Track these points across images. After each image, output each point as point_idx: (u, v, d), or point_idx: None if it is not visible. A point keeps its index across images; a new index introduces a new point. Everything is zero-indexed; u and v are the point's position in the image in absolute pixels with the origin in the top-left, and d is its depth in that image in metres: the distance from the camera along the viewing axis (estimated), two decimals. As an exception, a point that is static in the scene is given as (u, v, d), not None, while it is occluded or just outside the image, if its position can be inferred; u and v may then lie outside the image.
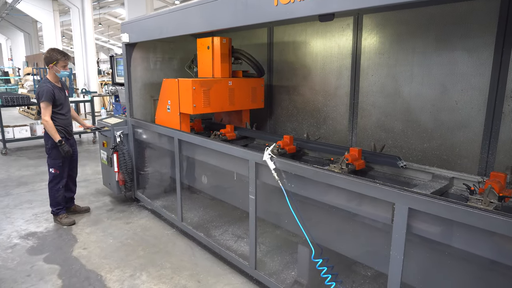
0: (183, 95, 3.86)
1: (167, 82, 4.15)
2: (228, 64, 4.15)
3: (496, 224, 1.68)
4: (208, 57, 4.09)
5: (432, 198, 1.87)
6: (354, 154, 2.84)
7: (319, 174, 2.40)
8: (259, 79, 4.38)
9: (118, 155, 4.82)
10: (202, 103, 3.83)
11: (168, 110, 4.17)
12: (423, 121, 3.28)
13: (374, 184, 2.09)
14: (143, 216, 4.74)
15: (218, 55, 4.05)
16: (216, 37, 4.06)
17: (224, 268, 3.51)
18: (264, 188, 3.03)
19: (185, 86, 3.81)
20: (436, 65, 3.13)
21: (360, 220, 2.40)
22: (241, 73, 4.37)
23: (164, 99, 4.26)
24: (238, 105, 4.21)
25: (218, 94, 3.96)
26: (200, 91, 3.79)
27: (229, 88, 4.07)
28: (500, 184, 2.12)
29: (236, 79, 4.16)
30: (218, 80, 3.98)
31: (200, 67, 4.23)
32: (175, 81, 3.95)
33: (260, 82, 4.39)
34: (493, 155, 2.88)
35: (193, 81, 3.72)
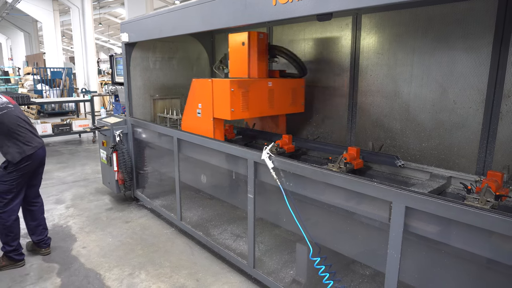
0: (218, 98, 3.38)
1: (198, 82, 3.63)
2: (266, 62, 3.74)
3: (493, 222, 1.69)
4: (243, 54, 3.63)
5: (429, 197, 1.88)
6: (353, 153, 2.85)
7: (317, 173, 2.41)
8: (300, 80, 3.92)
9: (118, 154, 4.83)
10: (240, 107, 3.34)
11: (198, 114, 3.67)
12: (422, 120, 3.29)
13: (371, 183, 2.10)
14: (142, 215, 4.75)
15: (255, 52, 3.59)
16: (252, 31, 3.64)
17: (223, 267, 3.52)
18: (263, 187, 3.05)
19: (221, 88, 3.32)
20: (435, 65, 3.14)
21: (358, 219, 2.41)
22: (277, 72, 3.92)
23: (193, 102, 3.73)
24: (277, 109, 3.73)
25: (257, 96, 3.49)
26: (239, 93, 3.30)
27: (269, 90, 3.60)
28: (497, 183, 2.13)
29: (276, 80, 3.70)
30: (257, 80, 3.52)
31: (233, 66, 3.79)
32: (208, 81, 3.46)
33: (301, 83, 3.93)
34: (490, 154, 2.89)
35: (231, 81, 3.24)
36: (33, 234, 3.70)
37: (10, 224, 3.38)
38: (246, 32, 3.58)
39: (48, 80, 14.87)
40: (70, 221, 4.55)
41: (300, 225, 2.56)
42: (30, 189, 3.66)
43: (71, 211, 4.87)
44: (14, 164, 3.32)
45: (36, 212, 3.72)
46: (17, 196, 3.43)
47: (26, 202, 3.66)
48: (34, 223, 3.70)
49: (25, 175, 3.44)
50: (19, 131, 3.37)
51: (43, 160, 3.62)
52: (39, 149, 3.51)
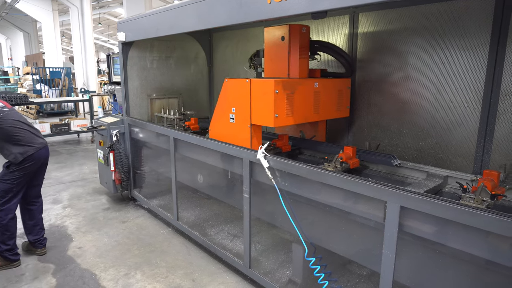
0: (258, 101, 2.91)
1: (232, 83, 3.15)
2: (307, 60, 3.31)
3: (488, 222, 1.67)
4: (282, 51, 3.21)
5: (423, 196, 1.86)
6: (349, 152, 2.83)
7: (312, 173, 2.39)
8: (346, 80, 3.49)
9: (115, 154, 4.81)
10: (285, 111, 2.87)
11: (231, 120, 3.20)
12: (419, 120, 3.27)
13: (366, 182, 2.08)
14: (139, 215, 4.73)
15: (296, 48, 3.17)
16: (294, 24, 3.20)
17: (219, 267, 3.50)
18: (259, 186, 3.03)
19: (263, 89, 2.85)
20: (432, 64, 3.12)
21: (353, 219, 2.39)
22: (318, 72, 3.45)
23: (225, 105, 3.24)
24: (323, 114, 3.28)
25: (303, 99, 3.03)
26: (284, 96, 2.84)
27: (315, 92, 3.14)
28: (493, 183, 2.11)
29: (322, 80, 3.24)
30: (303, 81, 3.06)
31: (269, 64, 3.36)
32: (245, 82, 2.98)
33: (347, 83, 3.50)
34: (488, 153, 2.88)
35: (276, 82, 2.78)
36: (29, 234, 3.68)
37: (6, 222, 3.36)
38: (286, 24, 3.18)
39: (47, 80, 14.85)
40: (67, 221, 4.53)
41: (295, 225, 2.54)
42: (32, 189, 3.65)
43: (68, 211, 4.85)
44: (16, 164, 3.33)
45: (35, 212, 3.71)
46: (16, 196, 3.43)
47: (27, 202, 3.65)
48: (32, 223, 3.69)
49: (27, 175, 3.43)
50: (19, 134, 3.37)
51: (46, 160, 3.62)
52: (42, 149, 3.50)
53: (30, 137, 3.45)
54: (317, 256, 2.49)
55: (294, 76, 3.23)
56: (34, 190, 3.68)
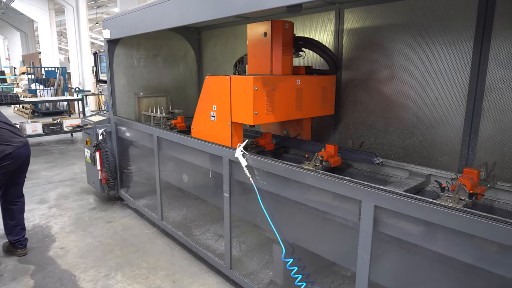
0: (237, 98, 2.84)
1: (212, 80, 3.08)
2: (290, 56, 3.23)
3: (462, 222, 1.61)
4: (265, 47, 3.13)
5: (397, 196, 1.80)
6: (330, 151, 2.76)
7: (288, 171, 2.32)
8: (330, 77, 3.42)
9: (101, 153, 4.75)
10: (265, 109, 2.81)
11: (212, 118, 3.13)
12: (404, 117, 3.21)
13: (340, 181, 2.02)
14: (125, 215, 4.67)
15: (279, 45, 3.09)
16: (276, 19, 3.13)
17: (202, 267, 3.44)
18: (240, 186, 2.97)
19: (242, 86, 2.79)
20: (417, 61, 3.06)
21: (332, 219, 2.33)
22: (303, 69, 3.37)
23: (206, 103, 3.18)
24: (306, 112, 3.21)
25: (284, 96, 2.96)
26: (263, 93, 2.77)
27: (297, 89, 3.07)
28: (473, 181, 2.05)
29: (305, 77, 3.17)
30: (284, 77, 2.99)
31: (252, 61, 3.28)
32: (225, 78, 2.91)
33: (331, 81, 3.43)
34: (473, 151, 2.81)
35: (255, 78, 2.70)
36: (10, 234, 3.62)
37: None
38: (268, 21, 3.10)
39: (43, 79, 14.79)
40: (52, 221, 4.47)
41: (272, 225, 2.48)
42: (14, 188, 3.59)
43: (53, 211, 4.79)
44: None
45: (16, 212, 3.64)
46: None
47: (8, 201, 3.59)
48: (13, 223, 3.62)
49: (6, 173, 3.37)
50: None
51: (27, 159, 3.56)
52: (21, 147, 3.44)
53: (8, 135, 3.39)
54: (296, 257, 2.43)
55: (277, 73, 3.14)
56: (16, 189, 3.62)
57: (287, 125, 3.69)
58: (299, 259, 2.43)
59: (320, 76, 3.34)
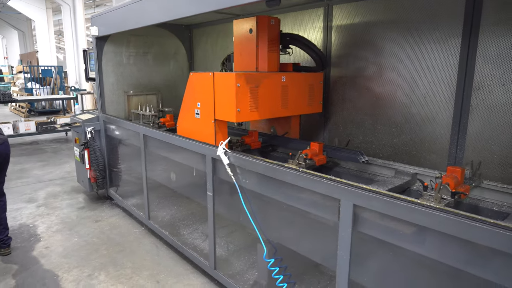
0: (221, 95, 2.80)
1: (196, 77, 3.06)
2: (277, 53, 3.18)
3: (440, 222, 1.55)
4: (250, 44, 3.07)
5: (376, 194, 1.74)
6: (315, 149, 2.70)
7: (268, 169, 2.27)
8: (318, 74, 3.35)
9: (89, 151, 4.70)
10: (248, 106, 2.76)
11: (196, 116, 3.09)
12: (393, 115, 3.15)
13: (319, 179, 1.96)
14: (114, 214, 4.61)
15: (265, 41, 3.03)
16: (262, 15, 3.06)
17: (187, 268, 3.38)
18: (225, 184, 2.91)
19: (225, 83, 2.74)
20: (406, 58, 3.00)
21: (314, 218, 2.27)
22: (290, 66, 3.32)
23: (191, 100, 3.14)
24: (292, 109, 3.16)
25: (268, 94, 2.91)
26: (246, 90, 2.72)
27: (282, 86, 3.02)
28: (456, 180, 1.99)
29: (290, 74, 3.11)
30: (268, 74, 2.93)
31: (238, 58, 3.22)
32: (208, 75, 2.87)
33: (319, 78, 3.37)
34: (461, 150, 2.76)
35: (238, 75, 2.66)
36: None
37: None
38: (254, 17, 3.04)
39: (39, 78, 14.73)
40: (38, 220, 4.41)
41: (254, 224, 2.42)
42: None
43: (41, 210, 4.73)
44: None
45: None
46: None
47: None
48: None
49: None
50: None
51: (7, 156, 3.51)
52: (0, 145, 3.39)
53: None
54: (277, 257, 2.37)
55: (262, 70, 3.08)
56: None
57: (275, 123, 3.63)
58: (281, 259, 2.37)
59: (306, 73, 3.27)
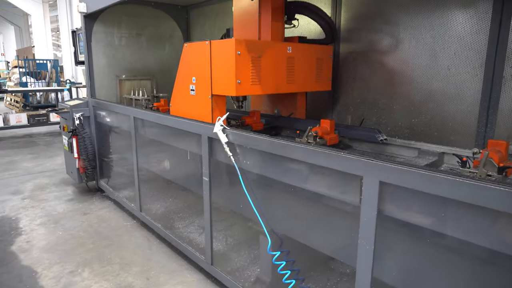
0: (218, 66, 2.46)
1: (191, 47, 2.70)
2: (282, 23, 2.86)
3: (496, 197, 1.21)
4: (252, 13, 2.75)
5: (409, 167, 1.41)
6: (326, 126, 2.37)
7: (274, 146, 1.93)
8: (327, 47, 2.99)
9: (78, 139, 4.36)
10: (249, 78, 2.42)
11: (191, 92, 2.74)
12: (411, 93, 2.82)
13: (337, 153, 1.62)
14: (104, 206, 4.28)
15: (268, 9, 2.71)
16: None
17: (181, 263, 3.05)
18: (223, 169, 2.58)
19: (223, 51, 2.40)
20: (425, 26, 2.67)
21: (328, 203, 1.94)
22: (296, 39, 2.95)
23: (185, 75, 2.79)
24: (299, 85, 2.80)
25: (273, 65, 2.56)
26: (248, 59, 2.38)
27: (288, 57, 2.66)
28: (501, 154, 1.66)
29: (297, 45, 2.77)
30: (273, 43, 2.60)
31: (239, 31, 2.89)
32: (204, 44, 2.52)
33: (328, 51, 3.00)
34: (492, 128, 2.42)
35: (238, 41, 2.32)
36: None
37: None
38: None
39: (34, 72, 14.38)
40: (22, 213, 4.08)
41: (257, 212, 2.08)
42: None
43: (26, 202, 4.39)
44: None
45: None
46: None
47: None
48: None
49: None
50: None
51: None
52: None
53: None
54: (283, 250, 2.03)
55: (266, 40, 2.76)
56: None
57: (278, 104, 3.29)
58: (288, 252, 2.04)
59: (315, 45, 2.93)
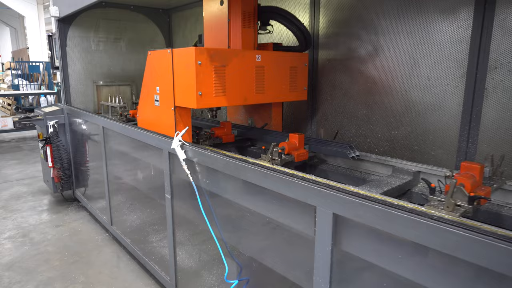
0: (180, 76, 2.31)
1: (155, 56, 2.56)
2: (253, 30, 2.68)
3: (456, 242, 1.05)
4: (221, 18, 2.59)
5: (364, 200, 1.24)
6: (293, 141, 2.20)
7: (228, 166, 1.76)
8: (301, 55, 2.82)
9: (52, 148, 4.20)
10: (212, 89, 2.25)
11: (156, 103, 2.58)
12: (390, 103, 2.65)
13: (289, 179, 1.46)
14: (78, 218, 4.11)
15: (238, 15, 2.56)
16: None
17: (149, 283, 2.89)
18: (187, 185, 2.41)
19: (184, 60, 2.25)
20: (405, 33, 2.50)
21: (288, 230, 1.77)
22: (271, 46, 2.80)
23: (150, 84, 2.64)
24: (270, 95, 2.63)
25: (239, 75, 2.41)
26: (210, 69, 2.23)
27: (257, 66, 2.51)
28: (474, 179, 1.49)
29: (268, 53, 2.61)
30: (239, 52, 2.43)
31: (209, 37, 2.73)
32: (166, 52, 2.40)
33: (303, 60, 2.84)
34: (474, 143, 2.26)
35: (198, 50, 2.17)
36: None
37: None
38: None
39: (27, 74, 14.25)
40: (-9, 225, 3.92)
41: (214, 236, 1.92)
42: None
43: (-2, 213, 4.23)
44: None
45: None
46: None
47: None
48: None
49: None
50: None
51: None
52: None
53: None
54: (242, 278, 1.87)
55: (235, 48, 2.59)
56: None
57: (255, 113, 3.13)
58: (248, 281, 1.87)
59: (288, 53, 2.75)
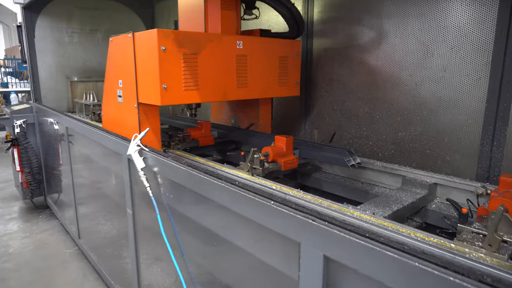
0: (143, 66, 1.91)
1: (116, 42, 2.19)
2: (236, 12, 2.27)
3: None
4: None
5: (369, 242, 0.83)
6: (280, 145, 1.79)
7: (192, 179, 1.36)
8: (293, 43, 2.39)
9: (20, 150, 3.79)
10: (181, 82, 1.85)
11: (119, 99, 2.17)
12: (397, 99, 2.25)
13: (265, 202, 1.05)
14: (48, 227, 3.71)
15: None
16: None
17: (115, 309, 2.48)
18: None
19: (146, 47, 1.86)
20: (415, 16, 2.10)
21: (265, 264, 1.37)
22: (257, 32, 2.39)
23: (112, 77, 2.26)
24: (254, 90, 2.20)
25: (216, 65, 1.99)
26: (178, 57, 1.82)
27: (238, 55, 2.09)
28: (519, 201, 1.09)
29: (251, 39, 2.19)
30: (215, 37, 2.00)
31: (183, 19, 2.32)
32: (127, 37, 2.00)
33: (295, 48, 2.39)
34: (499, 147, 1.85)
35: (162, 33, 1.75)
36: None
37: None
38: None
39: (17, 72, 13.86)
40: (-51, 236, 3.51)
41: (176, 263, 1.52)
42: None
43: (-40, 222, 3.83)
44: None
45: None
46: None
47: None
48: None
49: None
50: None
51: None
52: None
53: None
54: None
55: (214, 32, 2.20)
56: None
57: (239, 112, 2.71)
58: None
59: (276, 40, 2.32)
